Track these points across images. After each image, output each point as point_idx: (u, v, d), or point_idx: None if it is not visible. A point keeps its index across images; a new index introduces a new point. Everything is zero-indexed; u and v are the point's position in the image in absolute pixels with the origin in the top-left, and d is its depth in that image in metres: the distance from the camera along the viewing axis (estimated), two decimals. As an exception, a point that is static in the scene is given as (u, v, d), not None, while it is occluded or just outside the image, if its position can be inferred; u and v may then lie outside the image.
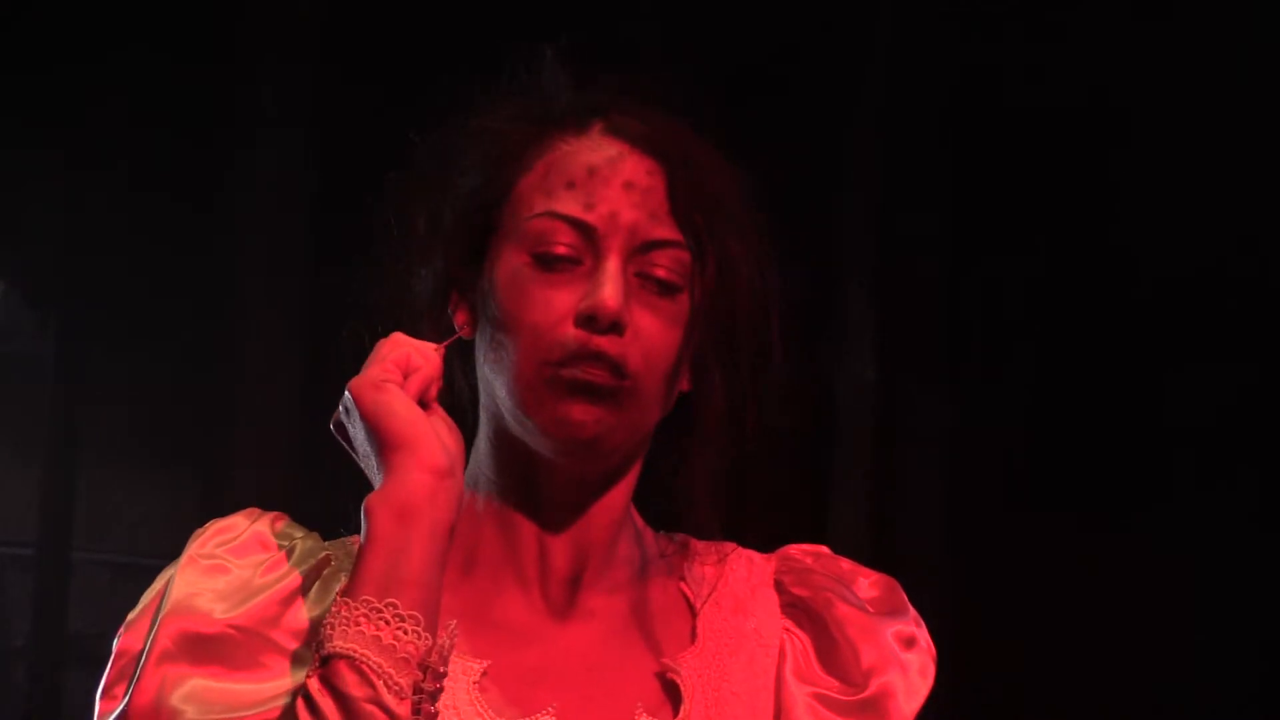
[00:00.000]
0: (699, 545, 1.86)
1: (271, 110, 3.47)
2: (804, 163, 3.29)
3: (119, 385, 3.50)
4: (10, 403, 3.54)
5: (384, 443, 1.66)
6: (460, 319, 1.80)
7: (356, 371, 1.71)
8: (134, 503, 3.54)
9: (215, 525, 1.78)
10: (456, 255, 1.80)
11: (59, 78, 3.43)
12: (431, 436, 1.66)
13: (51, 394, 3.54)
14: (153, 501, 3.53)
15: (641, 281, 1.75)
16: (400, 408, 1.67)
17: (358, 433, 1.69)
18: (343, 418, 1.71)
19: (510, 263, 1.76)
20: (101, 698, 1.72)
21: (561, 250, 1.74)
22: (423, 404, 1.70)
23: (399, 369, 1.69)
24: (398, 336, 1.72)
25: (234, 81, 3.46)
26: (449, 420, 1.71)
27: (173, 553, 1.77)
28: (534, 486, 1.78)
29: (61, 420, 3.54)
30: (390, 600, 1.61)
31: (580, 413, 1.72)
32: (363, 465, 1.70)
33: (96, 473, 3.55)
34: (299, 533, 1.79)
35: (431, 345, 1.73)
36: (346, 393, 1.69)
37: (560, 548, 1.78)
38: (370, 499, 1.65)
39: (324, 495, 1.81)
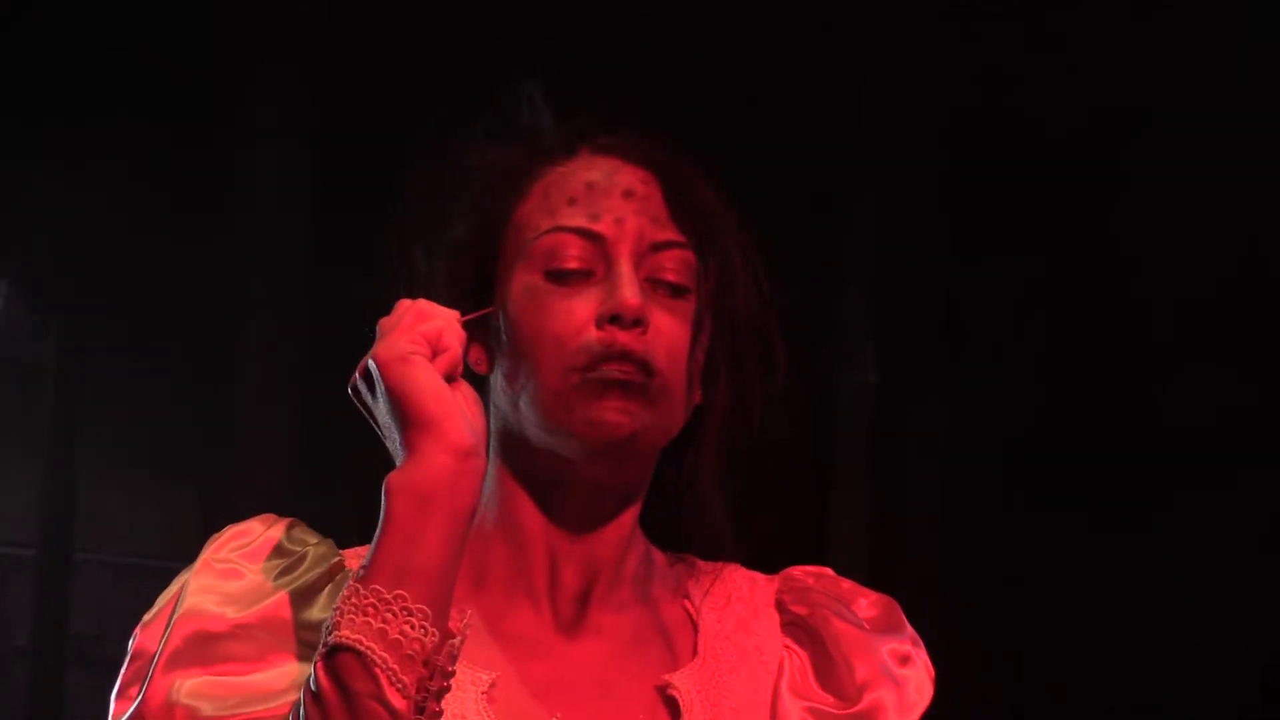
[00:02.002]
0: (703, 565, 1.88)
1: (272, 112, 3.46)
2: (804, 165, 3.29)
3: (119, 387, 3.51)
4: (11, 404, 3.54)
5: (407, 419, 1.64)
6: (474, 356, 1.80)
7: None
8: (135, 503, 3.54)
9: (231, 530, 1.79)
10: (462, 292, 1.80)
11: (60, 78, 3.43)
12: (457, 414, 1.64)
13: (52, 396, 3.54)
14: (154, 502, 3.53)
15: (653, 285, 1.78)
16: (427, 382, 1.65)
17: (379, 405, 1.67)
18: (359, 384, 1.70)
19: (522, 283, 1.78)
20: (116, 698, 1.73)
21: (573, 264, 1.77)
22: (448, 378, 1.68)
23: (427, 342, 1.68)
24: (424, 306, 1.70)
25: (235, 83, 3.46)
26: (473, 393, 1.71)
27: (174, 554, 1.78)
28: (548, 505, 1.80)
29: (62, 422, 3.54)
30: (399, 592, 1.60)
31: (615, 412, 1.73)
32: (383, 437, 1.69)
33: (97, 474, 3.55)
34: (313, 539, 1.79)
35: (456, 314, 1.71)
36: (370, 361, 1.67)
37: (571, 565, 1.80)
38: (391, 479, 1.64)
39: (323, 498, 1.81)
